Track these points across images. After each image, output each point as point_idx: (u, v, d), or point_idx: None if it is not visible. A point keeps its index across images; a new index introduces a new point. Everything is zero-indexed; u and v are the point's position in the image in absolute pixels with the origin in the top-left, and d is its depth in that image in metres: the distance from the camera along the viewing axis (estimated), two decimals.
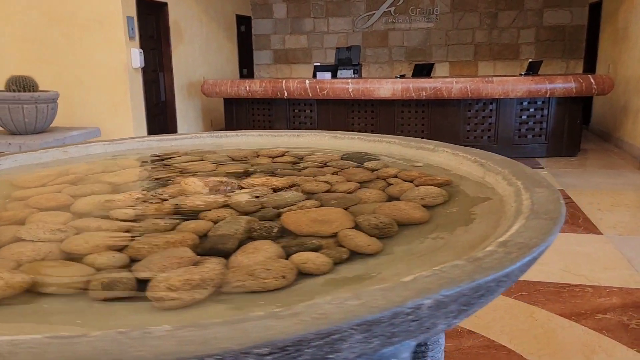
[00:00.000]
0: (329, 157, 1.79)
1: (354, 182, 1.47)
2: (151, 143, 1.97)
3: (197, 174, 1.58)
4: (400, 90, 6.20)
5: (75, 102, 6.21)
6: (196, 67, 7.80)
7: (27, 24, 6.12)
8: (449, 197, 1.32)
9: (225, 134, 2.10)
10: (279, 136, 2.06)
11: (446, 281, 0.73)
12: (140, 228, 1.13)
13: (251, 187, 1.40)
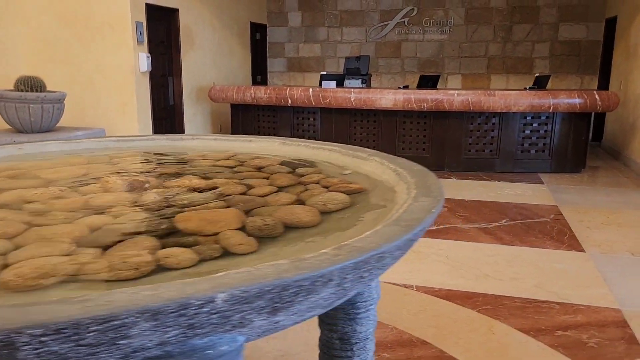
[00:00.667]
0: (268, 163, 1.84)
1: (274, 187, 1.51)
2: (108, 143, 2.05)
3: (130, 172, 1.64)
4: (402, 101, 6.22)
5: (86, 102, 6.40)
6: (206, 72, 7.95)
7: (42, 26, 6.34)
8: (351, 203, 1.35)
9: (182, 137, 2.17)
10: (233, 141, 2.12)
11: (250, 277, 0.77)
12: (38, 220, 1.19)
13: (170, 187, 1.46)
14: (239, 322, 0.77)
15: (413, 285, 3.09)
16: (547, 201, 5.03)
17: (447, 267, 3.37)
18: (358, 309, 1.72)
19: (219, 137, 2.17)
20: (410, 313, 2.75)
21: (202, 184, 1.49)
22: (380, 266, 0.96)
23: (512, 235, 4.01)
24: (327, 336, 1.77)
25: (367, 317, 1.75)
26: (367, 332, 1.76)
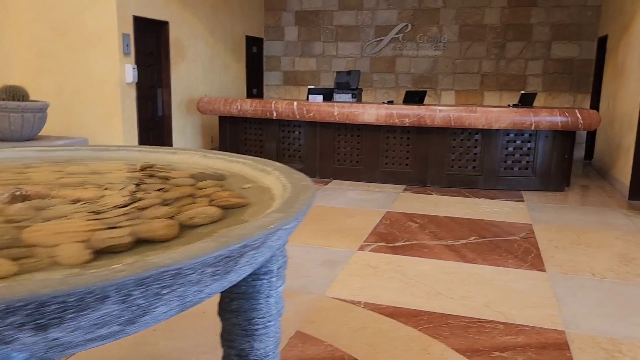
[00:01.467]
0: (178, 175, 1.85)
1: (160, 198, 1.53)
2: (28, 153, 2.08)
3: (31, 183, 1.66)
4: (384, 116, 6.23)
5: (73, 112, 6.49)
6: (198, 84, 8.03)
7: (35, 36, 6.46)
8: (222, 217, 1.36)
9: (107, 147, 2.20)
10: (157, 152, 2.14)
11: (4, 293, 0.76)
12: None
13: (54, 198, 1.47)
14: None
15: (362, 302, 3.07)
16: (522, 219, 4.99)
17: (401, 284, 3.35)
18: (255, 325, 1.72)
19: (144, 148, 2.20)
20: (351, 330, 2.74)
21: (86, 196, 1.50)
22: (185, 282, 0.95)
23: (476, 253, 3.98)
24: (226, 352, 1.77)
25: (266, 333, 1.74)
26: (266, 349, 1.76)
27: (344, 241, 4.21)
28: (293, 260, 3.63)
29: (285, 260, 1.78)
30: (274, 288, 1.72)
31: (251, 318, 1.71)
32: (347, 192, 6.11)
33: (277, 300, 1.75)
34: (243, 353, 1.74)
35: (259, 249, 1.10)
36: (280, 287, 1.75)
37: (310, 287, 3.27)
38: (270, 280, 1.70)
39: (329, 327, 2.76)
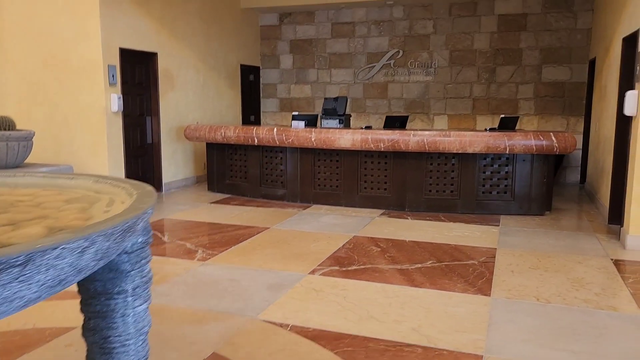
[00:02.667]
0: (57, 199, 1.95)
1: (8, 220, 1.62)
2: None
3: None
4: (360, 141, 6.30)
5: (61, 141, 6.73)
6: (189, 112, 8.24)
7: (27, 69, 6.77)
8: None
9: (15, 173, 2.32)
10: (56, 178, 2.25)
11: None
12: None
13: None
14: None
15: (289, 325, 3.09)
16: (489, 244, 4.96)
17: (338, 308, 3.37)
18: (113, 343, 1.78)
19: (48, 174, 2.31)
20: (267, 353, 2.76)
21: None
22: None
23: (427, 277, 3.97)
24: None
25: (125, 352, 1.80)
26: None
27: (298, 265, 4.25)
28: (240, 283, 3.70)
29: (146, 281, 1.84)
30: (130, 307, 1.78)
31: (108, 336, 1.77)
32: (323, 216, 6.16)
33: (137, 319, 1.81)
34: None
35: (23, 266, 1.16)
36: (139, 306, 1.81)
37: (246, 310, 3.31)
38: (125, 299, 1.76)
39: (247, 349, 2.79)
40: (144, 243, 1.81)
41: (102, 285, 1.75)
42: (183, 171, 8.22)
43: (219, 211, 6.43)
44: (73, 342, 2.85)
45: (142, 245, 1.80)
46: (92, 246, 1.31)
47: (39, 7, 6.63)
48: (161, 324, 3.09)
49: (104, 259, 1.46)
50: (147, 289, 1.86)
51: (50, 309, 3.30)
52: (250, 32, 10.13)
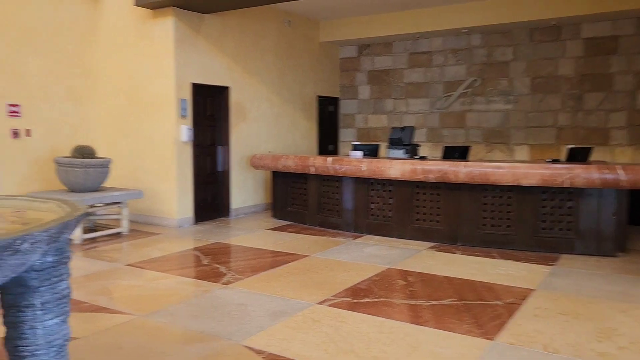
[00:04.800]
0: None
1: None
2: None
3: None
4: (409, 171, 6.19)
5: (139, 167, 7.45)
6: (261, 142, 8.66)
7: (114, 104, 7.64)
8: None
9: (7, 197, 2.69)
10: (47, 202, 2.58)
11: None
12: None
13: None
14: None
15: (266, 352, 3.14)
16: (528, 284, 4.59)
17: (324, 339, 3.35)
18: (22, 352, 1.99)
19: (28, 197, 2.64)
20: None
21: None
22: None
23: (435, 316, 3.79)
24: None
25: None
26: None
27: (312, 294, 4.27)
28: (246, 308, 3.83)
29: (59, 297, 2.03)
30: (39, 320, 1.98)
31: (18, 346, 1.98)
32: (368, 247, 6.10)
33: (47, 332, 2.00)
34: None
35: None
36: (49, 320, 2.00)
37: (235, 335, 3.42)
38: (34, 313, 1.97)
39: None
40: (56, 262, 2.02)
41: (13, 298, 1.97)
42: (253, 198, 8.60)
43: (270, 237, 6.64)
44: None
45: (53, 264, 2.00)
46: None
47: (124, 50, 7.47)
48: (149, 341, 3.30)
49: None
50: (62, 305, 2.05)
51: None
52: (329, 65, 10.43)
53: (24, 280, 1.96)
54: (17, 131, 6.73)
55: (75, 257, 5.59)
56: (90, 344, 3.27)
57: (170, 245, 6.17)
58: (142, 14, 7.24)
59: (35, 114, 6.96)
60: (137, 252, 5.81)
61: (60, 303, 2.05)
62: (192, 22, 7.26)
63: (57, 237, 1.95)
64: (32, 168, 6.92)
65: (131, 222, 7.26)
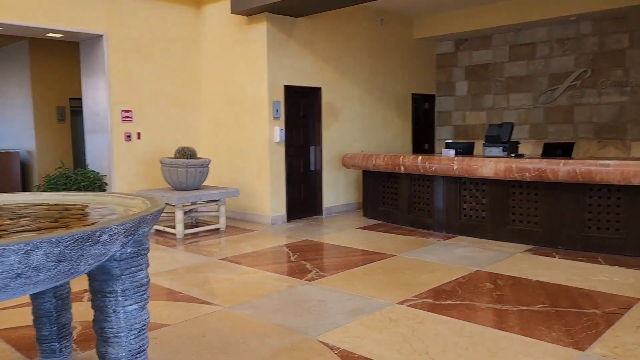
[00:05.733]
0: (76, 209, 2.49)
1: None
2: (17, 197, 2.98)
3: None
4: (503, 170, 5.90)
5: (236, 167, 7.84)
6: (353, 141, 8.72)
7: (215, 108, 8.11)
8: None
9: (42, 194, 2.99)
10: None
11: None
12: None
13: None
14: None
15: (339, 349, 3.18)
16: (634, 293, 4.19)
17: (399, 340, 3.32)
18: (107, 333, 2.21)
19: (66, 193, 2.92)
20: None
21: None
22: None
23: (522, 322, 3.59)
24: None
25: (117, 342, 2.23)
26: (118, 354, 2.22)
27: (393, 294, 4.24)
28: (325, 305, 3.92)
29: (137, 285, 2.22)
30: (120, 305, 2.18)
31: (103, 327, 2.20)
32: (458, 248, 5.91)
33: (128, 317, 2.20)
34: (101, 356, 2.23)
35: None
36: (129, 305, 2.20)
37: (311, 330, 3.49)
38: (116, 298, 2.18)
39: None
40: (135, 253, 2.21)
41: (98, 285, 2.19)
42: (344, 197, 8.68)
43: (359, 236, 6.67)
44: (158, 336, 3.41)
45: (132, 255, 2.19)
46: (36, 250, 1.73)
47: (223, 56, 7.90)
48: (231, 331, 3.48)
49: (70, 261, 1.87)
50: (141, 292, 2.24)
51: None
52: (424, 61, 10.23)
53: (107, 268, 2.17)
54: (129, 134, 7.39)
55: (178, 251, 6.02)
56: (178, 330, 3.52)
57: (263, 241, 6.43)
58: (238, 21, 7.61)
59: (145, 119, 7.59)
60: (232, 247, 6.12)
61: (139, 290, 2.24)
62: (284, 26, 7.49)
63: (135, 230, 2.13)
64: (141, 168, 7.56)
65: (228, 218, 7.66)
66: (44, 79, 9.70)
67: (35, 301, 2.91)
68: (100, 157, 7.48)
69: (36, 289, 2.02)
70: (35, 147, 9.75)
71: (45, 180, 7.09)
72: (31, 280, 1.84)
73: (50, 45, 9.15)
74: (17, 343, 3.31)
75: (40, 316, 2.91)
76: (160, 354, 3.12)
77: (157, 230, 7.03)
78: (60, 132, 10.02)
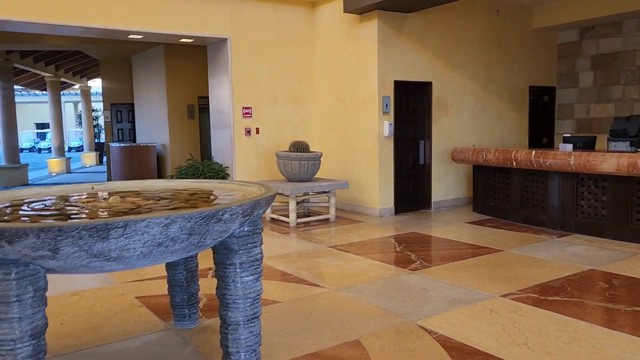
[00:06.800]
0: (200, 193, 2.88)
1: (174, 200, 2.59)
2: (157, 183, 3.45)
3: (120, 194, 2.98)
4: (626, 165, 5.55)
5: (346, 160, 8.16)
6: (464, 136, 8.62)
7: (327, 104, 8.49)
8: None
9: (172, 181, 3.40)
10: (200, 182, 3.21)
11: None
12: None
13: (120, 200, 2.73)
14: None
15: (437, 333, 3.31)
16: None
17: (498, 329, 3.37)
18: (227, 299, 2.58)
19: (195, 181, 3.30)
20: (397, 349, 3.10)
21: (130, 202, 2.70)
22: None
23: (635, 322, 3.45)
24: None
25: (236, 307, 2.58)
26: (236, 318, 2.57)
27: (497, 287, 4.25)
28: (427, 293, 4.09)
29: (252, 260, 2.56)
30: (238, 276, 2.54)
31: (224, 295, 2.56)
32: (571, 246, 5.68)
33: (244, 287, 2.55)
34: (223, 319, 2.61)
35: (124, 228, 2.01)
36: (245, 277, 2.54)
37: (411, 315, 3.65)
38: (235, 270, 2.53)
39: (383, 342, 3.19)
40: (251, 232, 2.54)
41: (220, 257, 2.56)
42: (454, 191, 8.62)
43: (467, 231, 6.64)
44: (271, 311, 3.78)
45: (249, 233, 2.53)
46: (173, 224, 2.11)
47: (335, 53, 8.23)
48: (336, 311, 3.75)
49: (198, 235, 2.24)
50: (255, 266, 2.58)
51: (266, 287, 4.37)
52: (543, 52, 9.76)
53: (227, 244, 2.52)
54: (249, 129, 8.01)
55: (290, 238, 6.45)
56: (287, 307, 3.87)
57: (370, 232, 6.66)
58: (350, 19, 7.88)
59: (264, 115, 8.16)
60: (340, 236, 6.43)
61: (254, 264, 2.58)
62: (395, 22, 7.62)
63: (251, 211, 2.46)
64: (259, 160, 8.15)
65: (338, 209, 7.99)
66: (176, 79, 10.76)
67: (170, 272, 3.40)
68: (223, 150, 8.20)
69: (172, 258, 2.43)
70: (168, 141, 10.87)
71: (176, 171, 7.93)
72: (168, 249, 2.24)
73: (182, 49, 10.13)
74: (155, 308, 3.86)
75: (174, 285, 3.40)
76: (272, 325, 3.48)
77: (272, 218, 7.55)
78: (189, 127, 11.05)
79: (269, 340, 3.17)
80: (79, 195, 3.06)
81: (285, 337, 3.29)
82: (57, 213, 2.55)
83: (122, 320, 3.63)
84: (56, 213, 2.55)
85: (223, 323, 2.61)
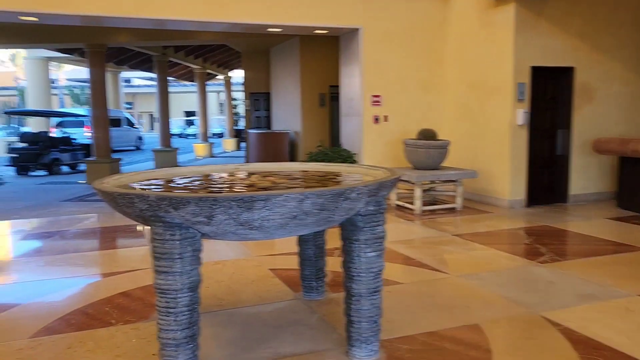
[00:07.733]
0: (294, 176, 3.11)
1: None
2: (291, 165, 3.74)
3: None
4: None
5: (476, 149, 8.01)
6: (610, 125, 7.96)
7: (457, 92, 8.39)
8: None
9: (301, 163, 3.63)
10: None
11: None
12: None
13: (265, 179, 3.06)
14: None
15: (562, 325, 3.24)
16: None
17: (630, 327, 3.20)
18: (352, 272, 2.80)
19: (325, 164, 3.51)
20: (517, 336, 3.11)
21: (269, 180, 3.01)
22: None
23: None
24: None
25: (359, 280, 2.80)
26: (360, 290, 2.79)
27: (635, 285, 3.98)
28: (555, 286, 4.04)
29: (376, 237, 2.75)
30: (362, 252, 2.74)
31: (349, 268, 2.79)
32: None
33: (367, 261, 2.75)
34: (347, 290, 2.84)
35: (265, 202, 2.30)
36: (369, 252, 2.74)
37: (536, 306, 3.59)
38: (359, 246, 2.75)
39: (504, 330, 3.20)
40: (375, 211, 2.72)
41: (347, 233, 2.78)
42: (596, 185, 8.03)
43: (607, 227, 6.20)
44: (392, 290, 3.95)
45: (373, 212, 2.72)
46: (307, 199, 2.37)
47: (467, 40, 8.06)
48: (456, 296, 3.81)
49: (328, 210, 2.48)
50: (378, 243, 2.76)
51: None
52: None
53: (353, 221, 2.73)
54: (377, 117, 8.19)
55: (415, 225, 6.55)
56: (409, 289, 4.01)
57: (497, 223, 6.51)
58: (484, 4, 7.66)
59: (392, 103, 8.29)
60: (466, 226, 6.37)
61: (376, 241, 2.76)
62: (534, 6, 7.25)
63: (376, 192, 2.65)
64: (386, 147, 8.30)
65: (465, 199, 7.88)
66: (309, 69, 11.27)
67: (301, 247, 3.72)
68: (352, 137, 8.48)
69: (305, 230, 2.71)
70: (301, 128, 11.45)
71: (307, 157, 8.38)
72: (302, 222, 2.50)
73: (315, 40, 10.58)
74: (286, 280, 4.24)
75: (304, 259, 3.72)
76: (394, 302, 3.65)
77: (398, 205, 7.68)
78: (320, 115, 11.53)
79: (389, 317, 3.35)
80: (227, 174, 3.49)
81: (404, 315, 3.44)
82: (210, 186, 2.97)
83: (257, 288, 4.05)
84: (210, 186, 2.97)
85: (347, 294, 2.83)
